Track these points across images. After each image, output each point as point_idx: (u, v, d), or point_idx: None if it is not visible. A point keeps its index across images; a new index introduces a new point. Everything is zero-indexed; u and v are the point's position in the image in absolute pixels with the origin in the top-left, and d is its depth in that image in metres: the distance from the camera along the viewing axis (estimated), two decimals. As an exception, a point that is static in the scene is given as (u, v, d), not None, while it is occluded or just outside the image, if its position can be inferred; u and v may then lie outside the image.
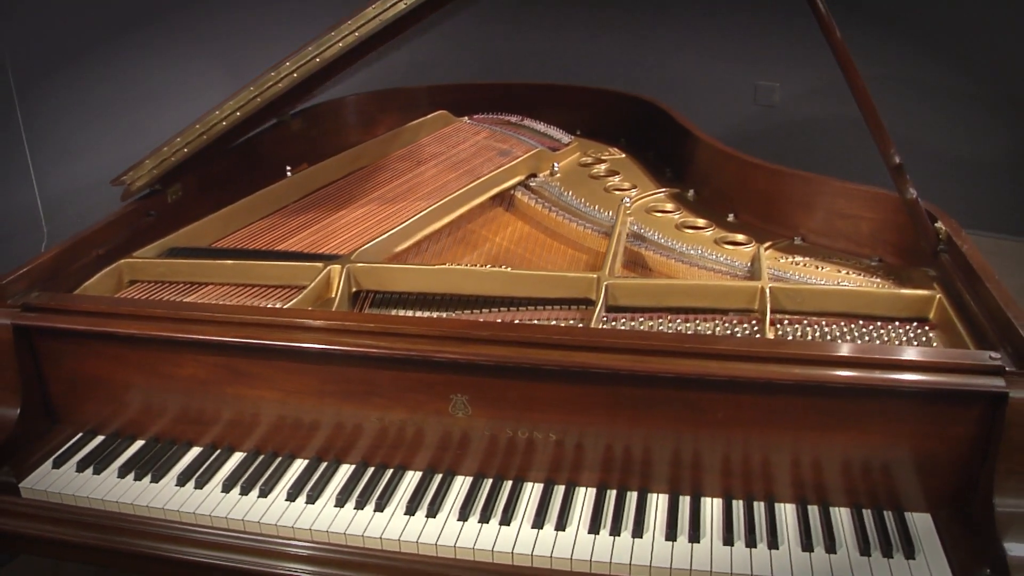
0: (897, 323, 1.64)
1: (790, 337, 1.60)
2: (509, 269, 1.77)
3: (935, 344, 1.58)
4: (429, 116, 2.74)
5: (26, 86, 2.28)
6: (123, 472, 1.57)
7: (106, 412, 1.66)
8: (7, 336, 1.59)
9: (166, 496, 1.52)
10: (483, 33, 4.19)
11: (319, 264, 1.79)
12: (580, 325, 1.65)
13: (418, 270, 1.79)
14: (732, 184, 2.23)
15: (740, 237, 2.06)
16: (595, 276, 1.74)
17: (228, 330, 1.53)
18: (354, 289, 1.80)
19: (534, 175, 2.43)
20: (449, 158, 2.52)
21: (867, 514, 1.44)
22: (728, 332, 1.62)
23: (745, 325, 1.64)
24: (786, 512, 1.45)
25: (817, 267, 1.90)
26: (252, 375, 1.56)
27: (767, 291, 1.68)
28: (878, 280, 1.84)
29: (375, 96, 2.84)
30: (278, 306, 1.71)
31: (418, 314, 1.77)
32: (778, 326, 1.63)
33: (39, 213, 2.36)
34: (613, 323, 1.65)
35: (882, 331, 1.61)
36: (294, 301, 1.70)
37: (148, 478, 1.56)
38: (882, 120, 1.72)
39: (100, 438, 1.66)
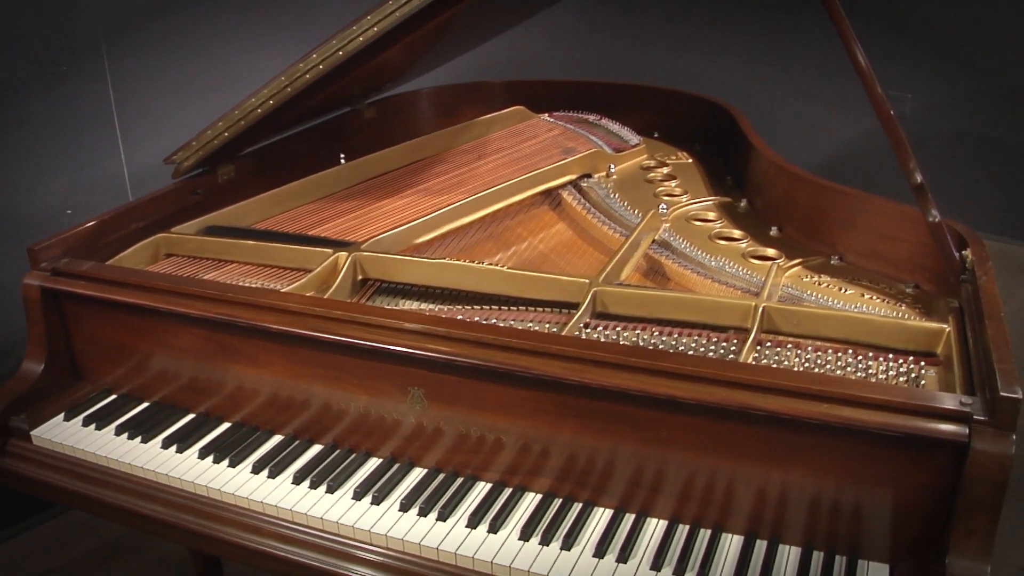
0: (891, 355, 1.51)
1: (764, 361, 1.51)
2: (504, 268, 1.77)
3: (922, 383, 1.45)
4: (504, 111, 2.76)
5: (119, 64, 2.48)
6: (119, 430, 1.70)
7: (119, 374, 1.80)
8: (35, 296, 1.75)
9: (148, 456, 1.63)
10: (595, 37, 4.16)
11: (328, 250, 1.85)
12: (555, 329, 1.63)
13: (418, 263, 1.82)
14: (781, 197, 2.12)
15: (771, 252, 1.97)
16: (586, 281, 1.71)
17: (211, 306, 1.63)
18: (360, 277, 1.85)
19: (588, 175, 2.40)
20: (512, 154, 2.53)
21: (816, 556, 1.35)
22: (703, 349, 1.55)
23: (725, 344, 1.57)
24: (731, 544, 1.39)
25: (841, 289, 1.79)
26: (236, 350, 1.65)
27: (759, 310, 1.60)
28: (903, 308, 1.70)
29: (453, 89, 2.89)
30: (285, 287, 1.77)
31: (420, 306, 1.80)
32: (759, 348, 1.55)
33: (126, 186, 2.56)
34: (588, 330, 1.62)
35: (871, 362, 1.50)
36: (297, 284, 1.77)
37: (139, 438, 1.68)
38: (903, 134, 1.60)
39: (112, 397, 1.80)
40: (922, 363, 1.49)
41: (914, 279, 1.81)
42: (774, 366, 1.49)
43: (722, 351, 1.54)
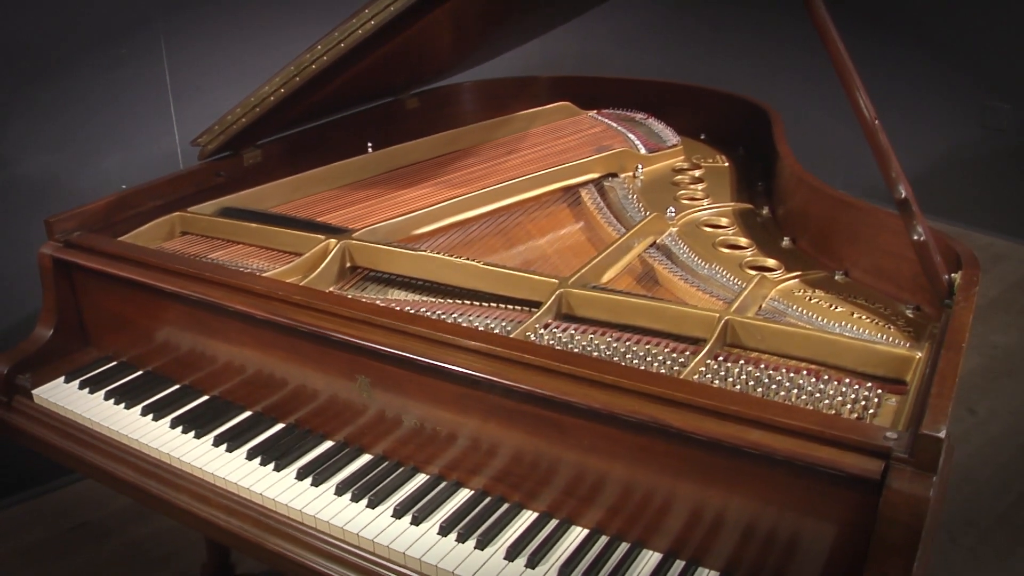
0: (848, 380, 1.43)
1: (709, 376, 1.45)
2: (478, 263, 1.77)
3: (870, 411, 1.36)
4: (548, 106, 2.75)
5: (175, 45, 2.61)
6: (108, 396, 1.80)
7: (118, 343, 1.90)
8: (48, 265, 1.88)
9: (126, 422, 1.72)
10: (671, 43, 4.05)
11: (321, 236, 1.90)
12: (508, 328, 1.62)
13: (401, 253, 1.84)
14: (798, 207, 2.03)
15: (771, 263, 1.89)
16: (555, 281, 1.69)
17: (188, 284, 1.70)
18: (349, 265, 1.89)
19: (614, 174, 2.36)
20: (544, 150, 2.52)
21: (734, 583, 1.30)
22: (650, 358, 1.50)
23: (675, 355, 1.52)
24: (647, 561, 1.35)
25: (831, 306, 1.70)
26: (212, 328, 1.72)
27: (723, 322, 1.54)
28: (892, 331, 1.60)
29: (500, 83, 2.89)
30: (277, 268, 1.82)
31: (406, 296, 1.81)
32: (711, 361, 1.49)
33: (179, 163, 2.70)
34: (543, 331, 1.60)
35: (825, 385, 1.42)
36: (286, 267, 1.82)
37: (123, 405, 1.77)
38: (886, 144, 1.50)
39: (111, 364, 1.90)
40: (879, 391, 1.41)
41: (916, 301, 1.70)
42: (714, 383, 1.43)
43: (670, 362, 1.50)
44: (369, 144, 2.42)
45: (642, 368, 1.47)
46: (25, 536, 2.62)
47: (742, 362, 1.49)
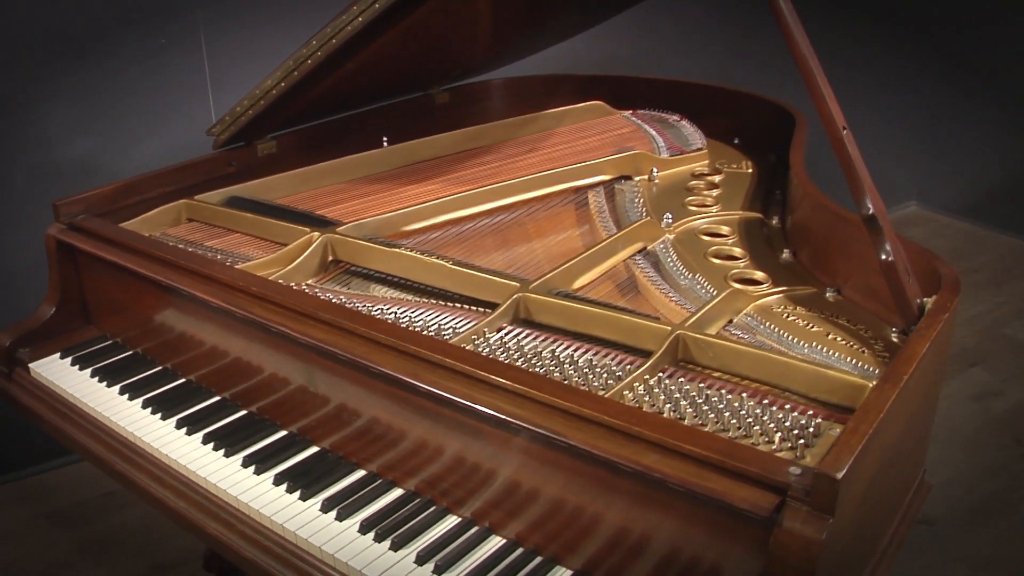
0: (790, 405, 1.35)
1: (642, 391, 1.39)
2: (448, 263, 1.76)
3: (801, 441, 1.28)
4: (579, 105, 2.71)
5: (214, 35, 2.68)
6: (94, 374, 1.87)
7: (115, 323, 1.98)
8: (52, 246, 1.96)
9: (101, 400, 1.79)
10: (725, 46, 3.91)
11: (307, 228, 1.92)
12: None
13: (376, 249, 1.84)
14: (803, 220, 1.94)
15: (759, 275, 1.80)
16: (517, 284, 1.66)
17: (162, 270, 1.75)
18: (331, 258, 1.91)
19: (628, 177, 2.31)
20: (564, 149, 2.48)
21: (640, 609, 1.25)
22: (587, 370, 1.46)
23: (616, 367, 1.47)
24: (558, 577, 1.31)
25: (808, 325, 1.61)
26: (189, 313, 1.77)
27: (673, 337, 1.48)
28: (866, 355, 1.51)
29: (534, 80, 2.86)
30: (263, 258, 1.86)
31: (387, 292, 1.82)
32: (650, 376, 1.43)
33: (214, 149, 2.78)
34: (492, 334, 1.57)
35: (761, 409, 1.34)
36: (266, 258, 1.86)
37: (105, 383, 1.84)
38: (856, 155, 1.41)
39: (106, 343, 1.98)
40: (819, 419, 1.32)
41: (900, 324, 1.59)
42: (645, 399, 1.37)
43: (607, 375, 1.45)
44: (384, 139, 2.43)
45: (577, 379, 1.43)
46: (54, 501, 2.76)
47: (681, 379, 1.43)
